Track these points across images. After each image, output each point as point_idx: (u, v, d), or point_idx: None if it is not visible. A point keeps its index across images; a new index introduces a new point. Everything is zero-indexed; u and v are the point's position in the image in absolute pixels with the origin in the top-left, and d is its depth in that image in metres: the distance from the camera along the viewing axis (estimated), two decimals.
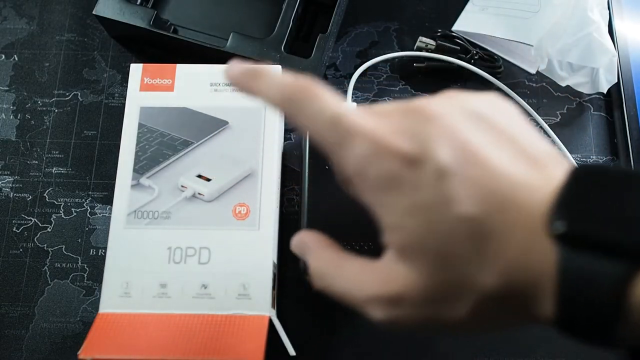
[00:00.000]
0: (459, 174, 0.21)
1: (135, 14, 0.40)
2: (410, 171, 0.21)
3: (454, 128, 0.22)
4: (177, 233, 0.34)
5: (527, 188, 0.20)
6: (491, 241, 0.20)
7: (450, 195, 0.21)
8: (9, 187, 0.40)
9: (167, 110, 0.37)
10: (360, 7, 0.45)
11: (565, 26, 0.38)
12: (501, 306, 0.21)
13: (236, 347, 0.31)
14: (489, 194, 0.20)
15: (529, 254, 0.20)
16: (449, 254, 0.21)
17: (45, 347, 0.36)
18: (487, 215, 0.20)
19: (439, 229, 0.21)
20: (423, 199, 0.21)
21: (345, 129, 0.22)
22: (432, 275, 0.21)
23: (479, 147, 0.21)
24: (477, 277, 0.20)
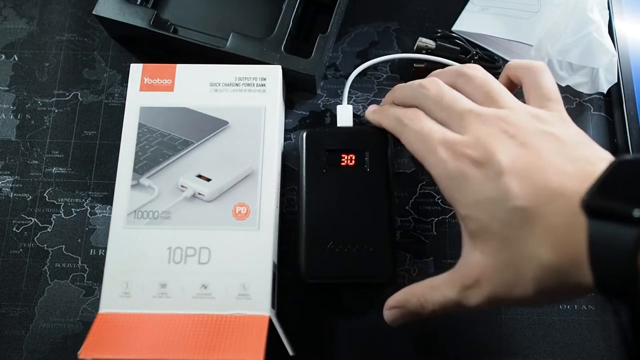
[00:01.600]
0: (514, 172, 0.27)
1: (135, 14, 0.40)
2: (476, 170, 0.28)
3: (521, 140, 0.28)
4: (177, 233, 0.34)
5: (574, 181, 0.25)
6: (541, 224, 0.25)
7: (506, 191, 0.26)
8: (9, 187, 0.40)
9: (167, 110, 0.37)
10: (360, 7, 0.45)
11: (565, 26, 0.38)
12: (556, 277, 0.25)
13: (236, 347, 0.31)
14: (539, 188, 0.26)
15: (572, 232, 0.24)
16: (511, 236, 0.26)
17: (45, 347, 0.36)
18: (536, 206, 0.26)
19: (499, 217, 0.27)
20: (485, 193, 0.27)
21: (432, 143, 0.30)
22: (497, 256, 0.27)
23: (535, 151, 0.27)
24: (533, 252, 0.25)
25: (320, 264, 0.34)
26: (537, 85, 0.32)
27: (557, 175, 0.26)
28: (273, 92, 0.38)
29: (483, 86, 0.32)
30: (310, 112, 0.42)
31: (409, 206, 0.39)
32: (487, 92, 0.31)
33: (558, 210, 0.25)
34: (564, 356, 0.36)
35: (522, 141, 0.28)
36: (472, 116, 0.30)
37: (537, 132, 0.28)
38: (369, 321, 0.37)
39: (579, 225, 0.24)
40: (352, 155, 0.36)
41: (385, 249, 0.34)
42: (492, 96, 0.31)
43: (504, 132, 0.28)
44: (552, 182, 0.26)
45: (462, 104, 0.31)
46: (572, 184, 0.25)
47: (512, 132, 0.28)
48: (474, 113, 0.30)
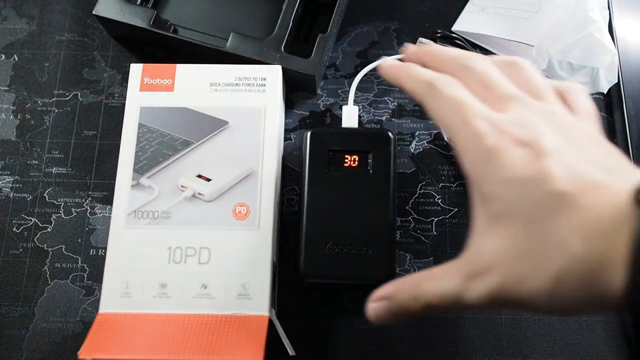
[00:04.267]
0: (557, 157, 0.24)
1: (135, 14, 0.40)
2: (517, 147, 0.25)
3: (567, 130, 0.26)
4: (177, 233, 0.34)
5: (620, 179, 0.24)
6: (579, 212, 0.23)
7: (545, 172, 0.24)
8: (9, 187, 0.40)
9: (167, 110, 0.37)
10: (360, 7, 0.45)
11: (566, 26, 0.38)
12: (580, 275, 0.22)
13: (236, 347, 0.31)
14: (581, 176, 0.24)
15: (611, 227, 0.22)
16: (540, 221, 0.24)
17: (45, 347, 0.36)
18: (577, 192, 0.23)
19: (533, 199, 0.24)
20: (521, 172, 0.24)
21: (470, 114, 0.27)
22: (519, 240, 0.24)
23: (584, 145, 0.25)
24: (563, 240, 0.23)
25: (319, 263, 0.34)
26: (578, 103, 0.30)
27: (601, 171, 0.24)
28: (273, 92, 0.38)
29: (535, 82, 0.29)
30: (310, 112, 0.42)
31: (409, 206, 0.39)
32: (536, 87, 0.29)
33: (600, 200, 0.23)
34: (564, 356, 0.36)
35: (568, 134, 0.26)
36: (518, 101, 0.27)
37: (583, 132, 0.27)
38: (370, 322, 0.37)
39: (625, 220, 0.21)
40: (355, 157, 0.36)
41: (385, 251, 0.34)
42: (540, 92, 0.29)
43: (550, 122, 0.26)
44: (595, 175, 0.24)
45: (510, 88, 0.28)
46: (616, 181, 0.23)
47: (559, 124, 0.26)
48: (520, 99, 0.28)
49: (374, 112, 0.42)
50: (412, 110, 0.42)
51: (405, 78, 0.31)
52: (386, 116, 0.42)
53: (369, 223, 0.35)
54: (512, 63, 0.30)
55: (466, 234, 0.27)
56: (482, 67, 0.29)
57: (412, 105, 0.42)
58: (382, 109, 0.42)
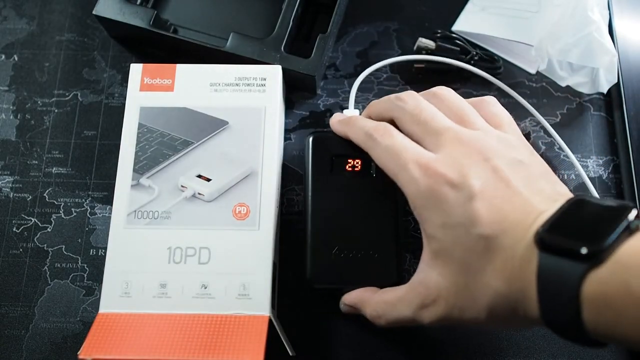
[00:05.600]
0: (485, 198, 0.27)
1: (135, 14, 0.40)
2: (449, 190, 0.28)
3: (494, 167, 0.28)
4: (177, 233, 0.34)
5: (534, 213, 0.26)
6: (500, 254, 0.26)
7: (474, 216, 0.27)
8: (9, 187, 0.40)
9: (167, 110, 0.37)
10: (360, 7, 0.45)
11: (566, 26, 0.38)
12: (507, 307, 0.26)
13: (236, 347, 0.31)
14: (504, 217, 0.26)
15: (525, 264, 0.25)
16: (471, 262, 0.27)
17: (45, 347, 0.36)
18: (499, 234, 0.26)
19: (465, 242, 0.27)
20: (454, 217, 0.27)
21: (403, 161, 0.30)
22: (455, 280, 0.28)
23: (508, 181, 0.28)
24: (489, 282, 0.27)
25: (325, 269, 0.34)
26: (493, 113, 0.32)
27: (522, 205, 0.27)
28: (273, 92, 0.38)
29: (458, 107, 0.32)
30: (310, 112, 0.42)
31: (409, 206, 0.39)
32: (461, 113, 0.32)
33: (516, 240, 0.26)
34: (564, 356, 0.36)
35: (494, 165, 0.28)
36: (450, 134, 0.30)
37: (508, 158, 0.29)
38: (369, 321, 0.37)
39: (533, 258, 0.25)
40: (358, 161, 0.36)
41: (390, 254, 0.34)
42: (466, 117, 0.31)
43: (479, 154, 0.29)
44: (516, 212, 0.27)
45: (440, 121, 0.31)
46: (533, 216, 0.26)
47: (487, 155, 0.29)
48: (452, 131, 0.30)
49: None
50: None
51: (351, 131, 0.35)
52: None
53: (374, 227, 0.35)
54: (433, 94, 0.33)
55: None
56: (411, 104, 0.32)
57: None
58: None
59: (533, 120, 0.41)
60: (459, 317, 0.28)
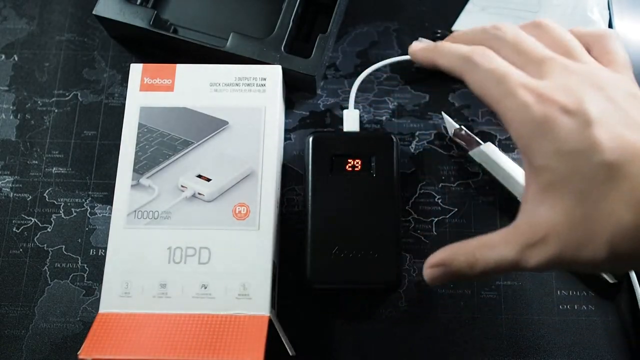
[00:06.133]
0: (605, 125, 0.25)
1: (135, 14, 0.40)
2: (565, 117, 0.25)
3: (611, 95, 0.26)
4: (177, 233, 0.34)
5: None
6: (627, 182, 0.24)
7: (594, 143, 0.24)
8: (9, 187, 0.40)
9: (167, 110, 0.37)
10: (360, 7, 0.45)
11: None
12: (633, 241, 0.24)
13: (236, 347, 0.31)
14: (628, 144, 0.24)
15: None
16: (591, 191, 0.24)
17: (45, 347, 0.36)
18: (625, 162, 0.24)
19: (584, 170, 0.25)
20: (571, 144, 0.25)
21: (511, 86, 0.27)
22: (571, 212, 0.25)
23: (628, 110, 0.25)
24: (614, 211, 0.24)
25: (325, 269, 0.34)
26: (608, 51, 0.30)
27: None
28: (273, 92, 0.38)
29: (564, 39, 0.29)
30: (310, 112, 0.42)
31: (409, 206, 0.39)
32: (567, 45, 0.29)
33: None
34: (564, 356, 0.36)
35: (610, 95, 0.26)
36: (556, 63, 0.27)
37: (623, 90, 0.27)
38: (369, 321, 0.37)
39: None
40: (358, 160, 0.36)
41: (391, 255, 0.34)
42: (572, 51, 0.29)
43: (592, 84, 0.26)
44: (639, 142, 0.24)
45: (543, 50, 0.28)
46: None
47: (600, 85, 0.26)
48: (557, 61, 0.28)
49: (374, 112, 0.42)
50: (412, 110, 0.42)
51: (440, 56, 0.31)
52: (386, 116, 0.42)
53: (374, 227, 0.35)
54: (537, 25, 0.30)
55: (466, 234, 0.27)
56: (511, 33, 0.29)
57: (412, 105, 0.42)
58: (382, 109, 0.42)
59: None
60: (573, 256, 0.25)
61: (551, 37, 0.29)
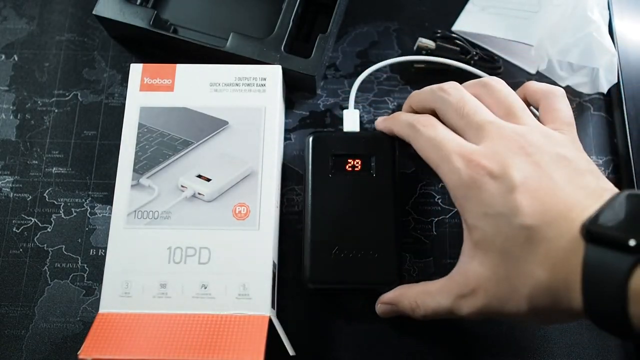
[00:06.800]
0: (526, 190, 0.27)
1: (135, 14, 0.40)
2: (490, 181, 0.28)
3: (536, 160, 0.28)
4: (177, 233, 0.34)
5: (579, 207, 0.26)
6: (543, 244, 0.26)
7: (516, 207, 0.27)
8: (9, 187, 0.40)
9: (167, 110, 0.37)
10: (360, 7, 0.45)
11: (565, 26, 0.38)
12: (549, 298, 0.26)
13: (236, 347, 0.31)
14: (546, 210, 0.26)
15: (570, 255, 0.25)
16: (509, 252, 0.27)
17: (45, 347, 0.36)
18: (542, 225, 0.26)
19: (505, 232, 0.27)
20: (495, 207, 0.28)
21: (446, 152, 0.30)
22: (495, 269, 0.28)
23: (550, 175, 0.28)
24: (531, 271, 0.26)
25: (325, 269, 0.34)
26: (553, 108, 0.32)
27: (565, 199, 0.27)
28: (273, 92, 0.38)
29: (506, 100, 0.32)
30: (310, 112, 0.42)
31: (409, 206, 0.39)
32: (509, 107, 0.32)
33: (561, 232, 0.26)
34: (564, 356, 0.36)
35: (536, 160, 0.28)
36: (492, 128, 0.30)
37: (551, 153, 0.29)
38: (369, 321, 0.37)
39: (578, 250, 0.25)
40: (358, 160, 0.36)
41: (391, 254, 0.34)
42: (513, 112, 0.31)
43: (520, 148, 0.29)
44: (559, 205, 0.26)
45: (483, 114, 0.31)
46: (577, 210, 0.26)
47: (528, 150, 0.29)
48: (494, 125, 0.30)
49: (374, 112, 0.42)
50: None
51: (394, 124, 0.36)
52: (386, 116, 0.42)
53: (374, 227, 0.35)
54: (483, 84, 0.33)
55: None
56: (455, 97, 0.32)
57: None
58: (382, 109, 0.42)
59: None
60: (498, 308, 0.28)
61: (495, 98, 0.32)
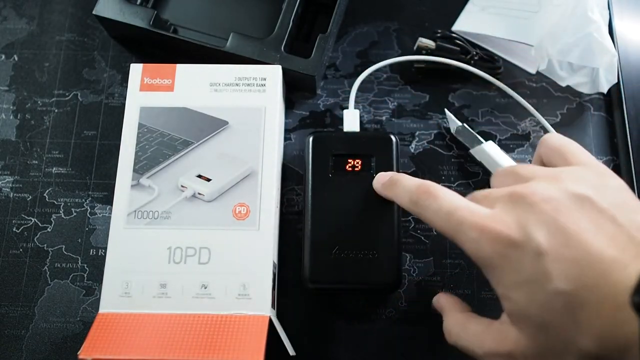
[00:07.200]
0: (555, 254, 0.24)
1: (135, 14, 0.40)
2: (513, 251, 0.25)
3: (554, 213, 0.25)
4: (177, 233, 0.34)
5: (618, 266, 0.23)
6: (583, 311, 0.23)
7: (546, 272, 0.24)
8: (9, 187, 0.40)
9: (167, 110, 0.37)
10: (360, 7, 0.45)
11: (565, 26, 0.38)
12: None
13: (236, 347, 0.31)
14: (580, 272, 0.24)
15: (618, 325, 0.23)
16: (547, 322, 0.25)
17: (45, 347, 0.36)
18: (579, 290, 0.24)
19: (539, 300, 0.25)
20: (524, 275, 0.25)
21: (457, 222, 0.27)
22: (535, 338, 0.25)
23: (576, 230, 0.25)
24: (575, 341, 0.24)
25: (324, 269, 0.34)
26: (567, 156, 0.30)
27: (603, 256, 0.24)
28: (273, 92, 0.38)
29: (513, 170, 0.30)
30: (310, 112, 0.42)
31: None
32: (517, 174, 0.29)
33: (603, 298, 0.23)
34: None
35: (555, 215, 0.25)
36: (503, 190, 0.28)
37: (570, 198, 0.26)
38: (369, 321, 0.37)
39: (627, 318, 0.22)
40: (358, 160, 0.36)
41: (390, 255, 0.34)
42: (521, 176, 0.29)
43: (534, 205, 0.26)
44: (595, 267, 0.24)
45: None
46: (619, 269, 0.23)
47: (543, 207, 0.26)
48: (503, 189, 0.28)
49: (374, 112, 0.42)
50: (412, 110, 0.42)
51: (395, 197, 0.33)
52: (386, 116, 0.42)
53: (374, 227, 0.35)
54: None
55: None
56: None
57: (412, 105, 0.42)
58: (382, 109, 0.42)
59: (533, 120, 0.41)
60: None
61: None
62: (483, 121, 0.41)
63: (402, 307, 0.37)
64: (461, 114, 0.42)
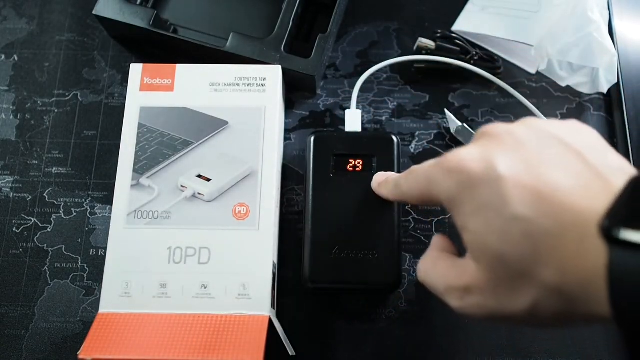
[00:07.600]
0: (514, 180, 0.23)
1: (135, 14, 0.40)
2: (474, 180, 0.25)
3: (518, 146, 0.25)
4: (177, 233, 0.34)
5: (583, 198, 0.22)
6: (544, 241, 0.22)
7: (504, 197, 0.23)
8: (9, 187, 0.40)
9: (167, 110, 0.37)
10: (360, 7, 0.45)
11: (565, 26, 0.38)
12: (559, 302, 0.22)
13: (236, 347, 0.31)
14: (541, 199, 0.23)
15: (583, 254, 0.21)
16: (506, 251, 0.23)
17: (45, 347, 0.36)
18: (539, 217, 0.22)
19: (496, 226, 0.23)
20: (482, 201, 0.24)
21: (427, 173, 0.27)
22: (493, 270, 0.24)
23: (539, 161, 0.24)
24: (535, 273, 0.23)
25: (325, 269, 0.34)
26: None
27: (566, 187, 0.23)
28: (273, 92, 0.38)
29: None
30: (310, 112, 0.42)
31: (409, 206, 0.39)
32: None
33: (565, 228, 0.22)
34: (564, 356, 0.36)
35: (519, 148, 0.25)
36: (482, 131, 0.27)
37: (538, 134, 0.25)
38: (369, 321, 0.37)
39: (592, 247, 0.21)
40: (359, 160, 0.36)
41: (391, 256, 0.34)
42: None
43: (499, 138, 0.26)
44: (559, 195, 0.22)
45: None
46: (584, 199, 0.22)
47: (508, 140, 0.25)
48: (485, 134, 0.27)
49: (374, 112, 0.42)
50: (412, 110, 0.42)
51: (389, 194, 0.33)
52: (386, 116, 0.42)
53: (374, 227, 0.35)
54: None
55: None
56: None
57: (412, 105, 0.42)
58: (382, 109, 0.42)
59: None
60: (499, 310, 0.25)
61: None
62: (483, 121, 0.41)
63: (402, 307, 0.37)
64: (461, 114, 0.42)
